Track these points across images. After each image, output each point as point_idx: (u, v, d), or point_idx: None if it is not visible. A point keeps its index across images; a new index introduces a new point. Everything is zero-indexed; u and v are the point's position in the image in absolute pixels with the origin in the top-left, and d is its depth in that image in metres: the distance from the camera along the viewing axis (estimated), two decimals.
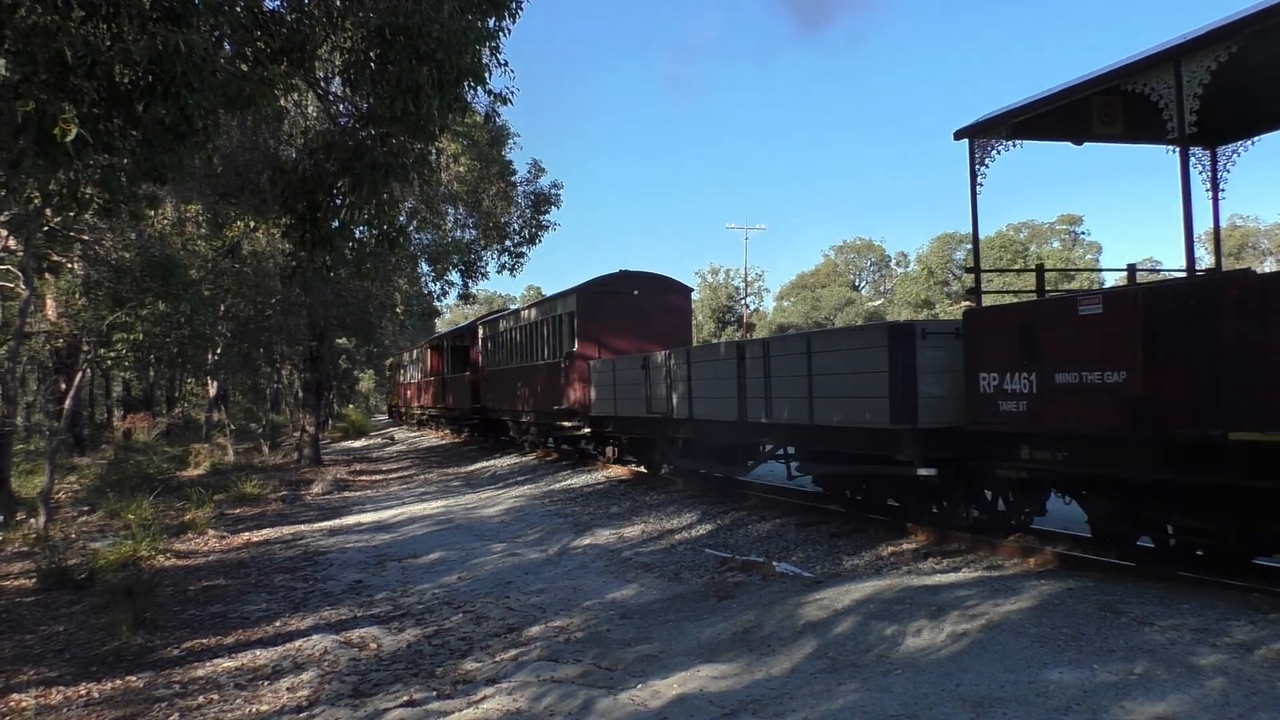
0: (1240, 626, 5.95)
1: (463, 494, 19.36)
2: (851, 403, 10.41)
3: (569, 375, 20.32)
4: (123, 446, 29.27)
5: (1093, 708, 4.91)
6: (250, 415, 40.15)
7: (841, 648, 6.51)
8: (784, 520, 12.17)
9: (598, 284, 20.31)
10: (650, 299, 20.32)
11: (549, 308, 22.25)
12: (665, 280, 20.95)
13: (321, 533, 14.98)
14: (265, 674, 7.58)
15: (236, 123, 11.51)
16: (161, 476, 21.72)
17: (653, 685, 6.20)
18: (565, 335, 20.65)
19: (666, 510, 14.07)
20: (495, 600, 9.48)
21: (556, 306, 21.60)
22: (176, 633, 8.98)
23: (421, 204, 26.35)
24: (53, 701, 7.14)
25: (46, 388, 26.88)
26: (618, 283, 20.48)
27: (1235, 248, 78.68)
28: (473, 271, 32.71)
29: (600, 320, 20.02)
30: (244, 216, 16.96)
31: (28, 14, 5.40)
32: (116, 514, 15.62)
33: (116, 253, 17.19)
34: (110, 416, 41.08)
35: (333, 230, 8.84)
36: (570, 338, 20.46)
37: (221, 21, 6.52)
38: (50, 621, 9.60)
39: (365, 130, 8.34)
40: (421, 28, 7.24)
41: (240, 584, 11.23)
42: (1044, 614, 6.54)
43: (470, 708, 6.20)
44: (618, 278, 20.47)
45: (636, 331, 19.77)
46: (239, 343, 25.68)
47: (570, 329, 20.51)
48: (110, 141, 5.93)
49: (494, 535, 13.54)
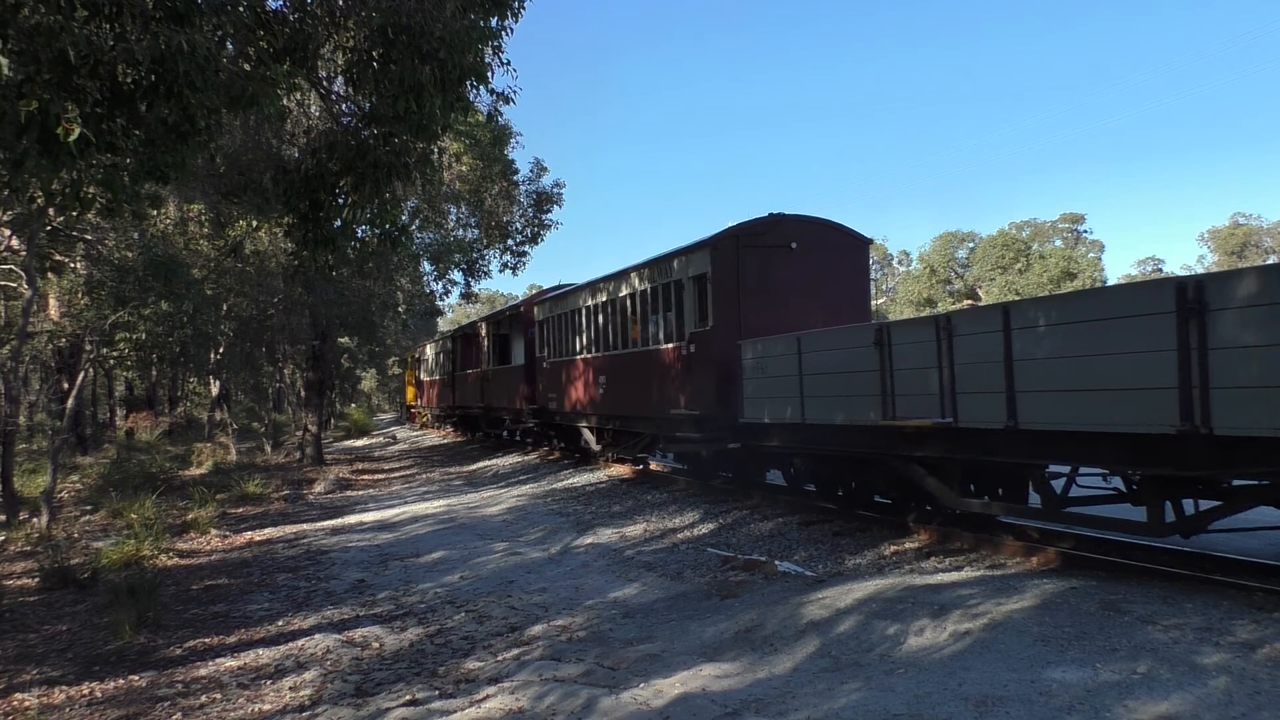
0: (1244, 625, 5.94)
1: (465, 493, 19.36)
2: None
3: (696, 364, 14.54)
4: (125, 446, 29.30)
5: (1095, 707, 4.91)
6: (253, 414, 40.17)
7: (844, 647, 6.50)
8: (786, 519, 12.16)
9: (740, 234, 14.35)
10: (815, 254, 14.52)
11: (659, 272, 16.12)
12: (835, 229, 14.97)
13: (324, 532, 14.99)
14: (268, 673, 7.59)
15: (239, 122, 11.52)
16: (164, 476, 21.74)
17: (655, 684, 6.20)
18: (689, 308, 14.85)
19: (669, 509, 14.07)
20: (497, 599, 9.48)
21: (673, 269, 15.58)
22: (179, 632, 8.99)
23: (424, 203, 26.40)
24: (56, 701, 7.15)
25: (49, 387, 26.94)
26: (768, 231, 14.44)
27: (1238, 246, 78.58)
28: (475, 270, 32.78)
29: (745, 285, 14.15)
30: (246, 216, 16.96)
31: (31, 13, 5.40)
32: (119, 513, 15.64)
33: (119, 252, 17.21)
34: (113, 416, 41.12)
35: (335, 229, 8.84)
36: (698, 311, 14.65)
37: (224, 21, 6.52)
38: (53, 621, 9.61)
39: (368, 129, 8.34)
40: (424, 27, 7.24)
41: (243, 583, 11.24)
42: (1047, 613, 6.53)
43: (472, 707, 6.21)
44: (767, 224, 14.50)
45: (796, 300, 14.19)
46: (241, 342, 25.71)
47: (698, 299, 14.67)
48: (113, 141, 5.93)
49: (496, 534, 13.55)
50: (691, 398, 14.51)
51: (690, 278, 14.76)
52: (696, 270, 14.59)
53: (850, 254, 15.04)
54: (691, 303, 14.74)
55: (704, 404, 14.02)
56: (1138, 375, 7.24)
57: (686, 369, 14.79)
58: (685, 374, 14.80)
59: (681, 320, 15.10)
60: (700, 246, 14.55)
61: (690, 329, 14.69)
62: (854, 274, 14.99)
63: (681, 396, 14.88)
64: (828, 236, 14.82)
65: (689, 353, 14.79)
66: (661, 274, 16.02)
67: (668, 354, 15.59)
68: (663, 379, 15.69)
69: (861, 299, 15.04)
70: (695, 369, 14.48)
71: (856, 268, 15.06)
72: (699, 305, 14.60)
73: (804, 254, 14.48)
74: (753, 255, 14.24)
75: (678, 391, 15.05)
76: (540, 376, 23.28)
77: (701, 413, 14.01)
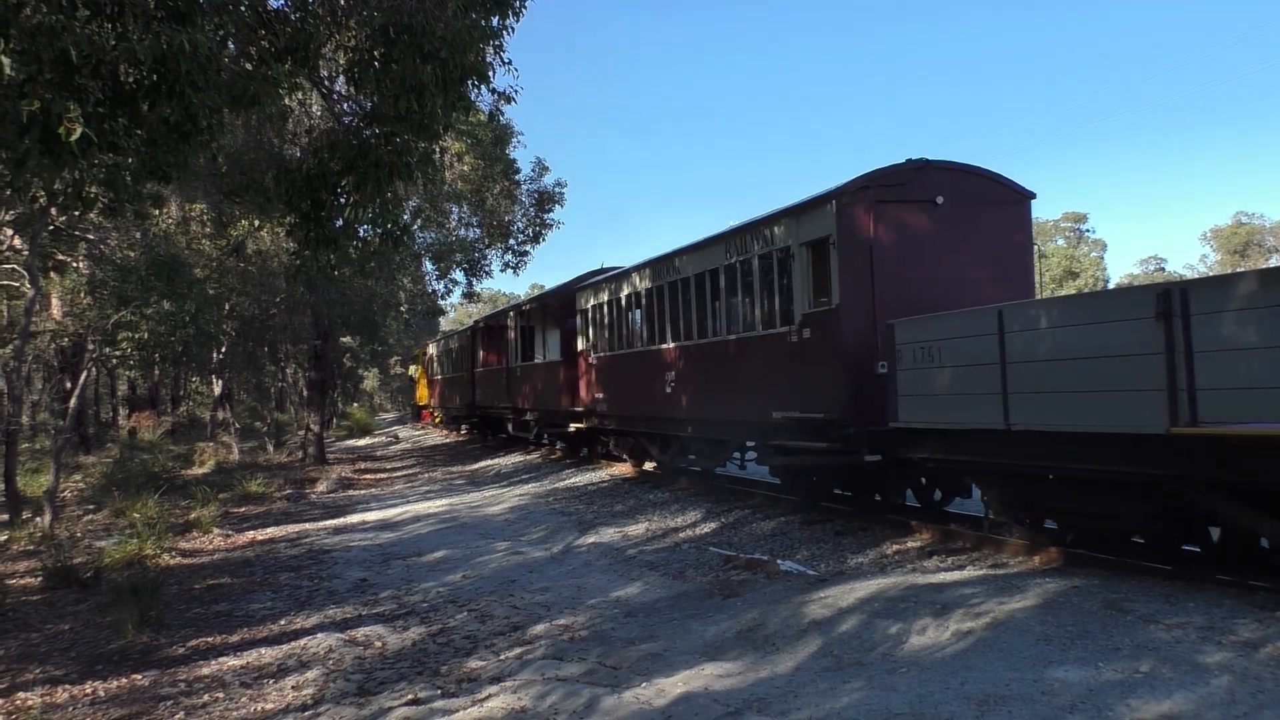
0: (1246, 625, 5.93)
1: (467, 492, 19.37)
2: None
3: (813, 354, 11.47)
4: (128, 445, 29.34)
5: (1098, 706, 4.90)
6: (255, 414, 40.20)
7: (846, 646, 6.50)
8: (788, 518, 12.16)
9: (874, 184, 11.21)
10: (965, 211, 11.49)
11: (752, 241, 12.95)
12: (991, 180, 11.87)
13: (326, 531, 15.00)
14: (270, 672, 7.60)
15: (241, 122, 11.52)
16: (166, 475, 21.76)
17: (657, 683, 6.20)
18: (800, 283, 11.71)
19: (671, 508, 14.07)
20: (499, 599, 9.49)
21: (773, 236, 12.41)
22: (182, 631, 9.00)
23: (425, 203, 26.44)
24: (59, 700, 7.16)
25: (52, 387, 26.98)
26: (909, 181, 11.35)
27: (1240, 245, 78.55)
28: (477, 270, 32.83)
29: (881, 250, 11.07)
30: (248, 215, 16.97)
31: (33, 13, 5.41)
32: (122, 513, 15.66)
33: (121, 252, 17.23)
34: (115, 415, 41.18)
35: (337, 229, 8.85)
36: (814, 286, 11.59)
37: (226, 21, 6.53)
38: (56, 620, 9.62)
39: (369, 129, 8.35)
40: (425, 27, 7.24)
41: (245, 583, 11.25)
42: (1049, 612, 6.52)
43: (475, 706, 6.21)
44: (907, 172, 11.38)
45: (942, 270, 11.23)
46: (244, 341, 25.73)
47: (814, 270, 11.64)
48: (115, 140, 5.94)
49: (498, 534, 13.55)
50: (806, 397, 11.44)
51: (803, 244, 11.63)
52: (813, 233, 11.42)
53: (1009, 212, 11.89)
54: (803, 276, 11.63)
55: (828, 404, 10.97)
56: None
57: (796, 360, 11.70)
58: (795, 367, 11.74)
59: (788, 299, 11.98)
60: (819, 202, 11.37)
61: (804, 309, 11.59)
62: (1013, 236, 11.88)
63: (789, 395, 11.81)
64: (982, 189, 11.73)
65: (801, 340, 11.65)
66: (756, 243, 12.78)
67: (767, 343, 12.46)
68: (759, 374, 12.63)
69: (1022, 268, 11.96)
70: (811, 360, 11.41)
71: (1016, 228, 11.93)
72: (816, 278, 11.52)
73: (952, 211, 11.40)
74: (889, 212, 11.17)
75: (783, 389, 11.95)
76: (585, 373, 20.01)
77: (826, 415, 10.94)
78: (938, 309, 10.03)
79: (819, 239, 11.33)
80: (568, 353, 21.31)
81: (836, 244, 10.98)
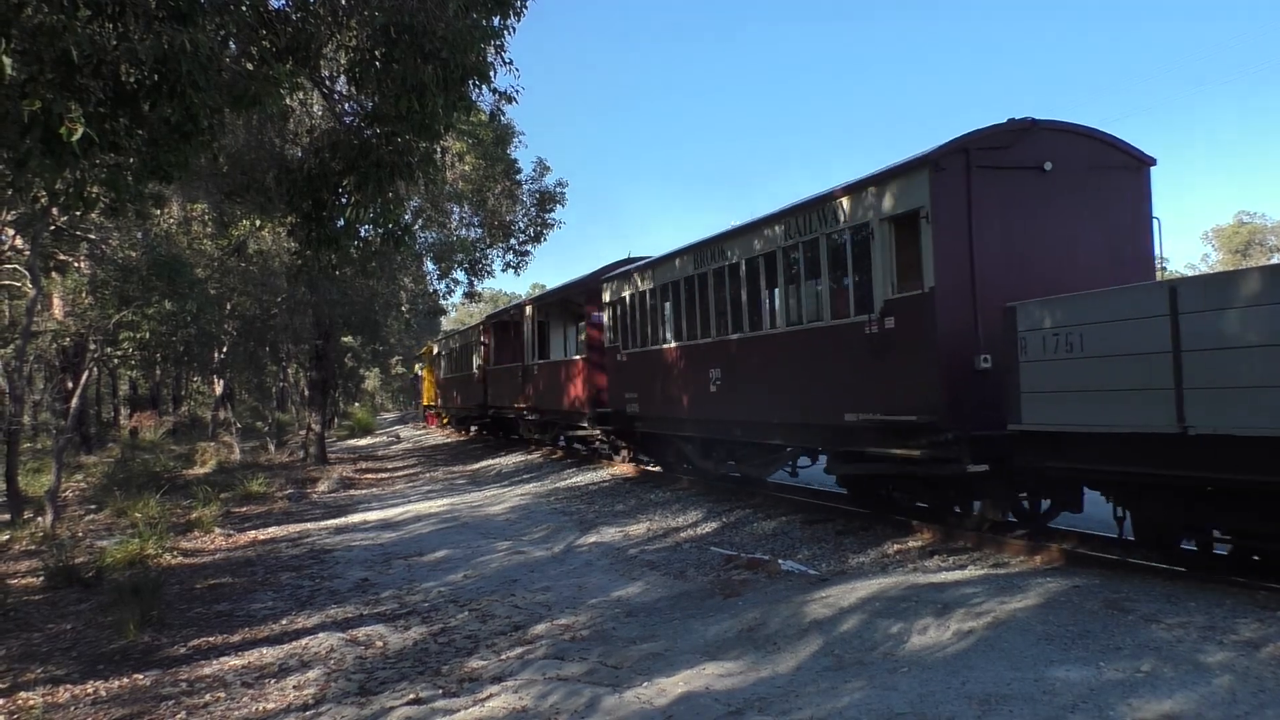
0: (1247, 624, 5.93)
1: (468, 492, 19.38)
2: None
3: (900, 346, 10.00)
4: (129, 445, 29.37)
5: (1099, 705, 4.90)
6: (256, 414, 40.24)
7: (847, 645, 6.50)
8: (789, 518, 12.16)
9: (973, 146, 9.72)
10: (1077, 180, 10.09)
11: (819, 218, 11.45)
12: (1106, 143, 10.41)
13: (327, 531, 15.01)
14: (272, 672, 7.61)
15: (242, 122, 11.52)
16: (168, 475, 21.78)
17: (658, 683, 6.20)
18: (882, 264, 10.28)
19: (672, 508, 14.07)
20: (501, 598, 9.49)
21: (843, 212, 10.98)
22: (183, 631, 9.01)
23: (427, 203, 26.45)
24: (60, 700, 7.17)
25: (53, 386, 26.98)
26: (1013, 144, 9.87)
27: (1242, 244, 78.48)
28: (478, 270, 32.84)
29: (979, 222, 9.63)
30: (250, 215, 16.98)
31: (34, 13, 5.41)
32: (123, 512, 15.68)
33: (123, 252, 17.25)
34: (117, 415, 41.21)
35: (338, 229, 8.86)
36: (900, 267, 10.20)
37: (227, 20, 6.53)
38: (58, 620, 9.63)
39: (370, 129, 8.35)
40: (426, 26, 7.25)
41: (246, 582, 11.26)
42: (1050, 611, 6.52)
43: (476, 706, 6.21)
44: (1011, 133, 9.91)
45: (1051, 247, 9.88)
46: (245, 341, 25.76)
47: (899, 249, 10.22)
48: (116, 140, 5.94)
49: (499, 533, 13.56)
50: (889, 396, 10.05)
51: (886, 219, 10.20)
52: (899, 206, 10.02)
53: (1126, 180, 10.45)
54: (885, 257, 10.20)
55: (919, 405, 9.55)
56: None
57: (876, 354, 10.30)
58: (873, 362, 10.34)
59: (865, 284, 10.60)
60: (908, 169, 9.92)
61: (886, 295, 10.16)
62: (1130, 208, 10.41)
63: (867, 395, 10.43)
64: (1095, 154, 10.27)
65: (883, 330, 10.19)
66: (823, 221, 11.32)
67: (837, 335, 11.01)
68: (827, 371, 11.23)
69: (1141, 245, 10.42)
70: (896, 354, 10.00)
71: (1134, 199, 10.46)
72: (902, 259, 10.11)
73: (1061, 179, 9.98)
74: (990, 180, 9.73)
75: (859, 388, 10.58)
76: (613, 371, 18.55)
77: (919, 418, 9.50)
78: (1043, 294, 8.69)
79: (907, 212, 9.87)
80: (592, 349, 19.87)
81: (931, 217, 9.50)
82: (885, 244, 10.23)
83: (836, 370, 11.05)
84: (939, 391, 9.33)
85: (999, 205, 9.71)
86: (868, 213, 10.49)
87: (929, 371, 9.48)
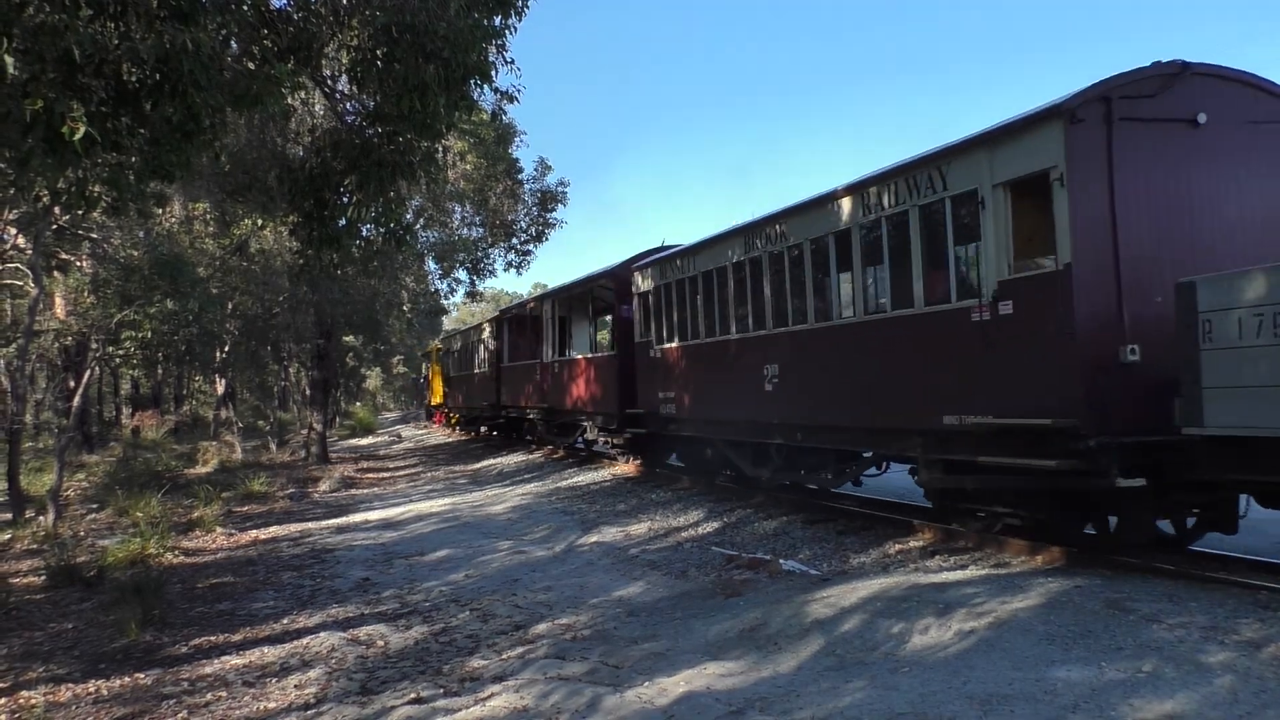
0: (1249, 624, 5.92)
1: (469, 491, 19.38)
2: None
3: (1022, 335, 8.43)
4: (131, 444, 29.39)
5: (1101, 705, 4.90)
6: (258, 413, 40.27)
7: (848, 645, 6.50)
8: (790, 518, 12.15)
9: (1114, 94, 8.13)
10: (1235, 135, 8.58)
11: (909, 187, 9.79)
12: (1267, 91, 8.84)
13: (329, 530, 15.02)
14: (273, 671, 7.61)
15: (244, 121, 11.54)
16: (169, 474, 21.80)
17: (659, 683, 6.20)
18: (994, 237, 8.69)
19: (673, 508, 14.07)
20: (502, 598, 9.49)
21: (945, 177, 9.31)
22: (185, 630, 9.01)
23: (428, 202, 26.48)
24: (62, 699, 7.18)
25: (55, 386, 27.02)
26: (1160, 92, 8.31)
27: None
28: (480, 269, 32.87)
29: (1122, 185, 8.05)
30: (251, 215, 17.00)
31: (36, 12, 5.42)
32: (125, 511, 15.69)
33: (125, 251, 17.28)
34: (118, 414, 41.25)
35: (340, 228, 8.87)
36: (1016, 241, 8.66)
37: (229, 20, 6.54)
38: (59, 619, 9.64)
39: (372, 128, 8.36)
40: (428, 26, 7.25)
41: (248, 581, 11.26)
42: (1052, 611, 6.52)
43: (477, 705, 6.21)
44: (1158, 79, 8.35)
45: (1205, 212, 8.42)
46: (247, 340, 25.81)
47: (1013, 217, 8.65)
48: (118, 140, 5.95)
49: (501, 533, 13.56)
50: (1007, 395, 8.50)
51: (999, 184, 8.61)
52: (1020, 168, 8.42)
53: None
54: (999, 230, 8.62)
55: (1051, 405, 8.01)
56: None
57: (988, 345, 8.73)
58: (985, 354, 8.77)
59: (971, 263, 9.40)
60: (1034, 122, 8.26)
61: (1000, 275, 8.62)
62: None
63: (976, 394, 8.87)
64: (1258, 105, 8.72)
65: (996, 317, 8.65)
66: (912, 191, 9.68)
67: (933, 323, 9.49)
68: (920, 365, 9.70)
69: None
70: (1015, 344, 8.45)
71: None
72: (1021, 231, 8.64)
73: (1217, 133, 8.44)
74: (1135, 135, 8.14)
75: (965, 385, 9.01)
76: (645, 368, 16.99)
77: (1053, 421, 7.92)
78: (1194, 272, 7.46)
79: (1031, 175, 8.28)
80: (622, 343, 18.29)
81: (1066, 179, 7.88)
82: (999, 214, 8.62)
83: (933, 365, 9.48)
84: (1078, 389, 7.78)
85: (1144, 165, 8.18)
86: (976, 178, 8.87)
87: (1065, 365, 7.92)
